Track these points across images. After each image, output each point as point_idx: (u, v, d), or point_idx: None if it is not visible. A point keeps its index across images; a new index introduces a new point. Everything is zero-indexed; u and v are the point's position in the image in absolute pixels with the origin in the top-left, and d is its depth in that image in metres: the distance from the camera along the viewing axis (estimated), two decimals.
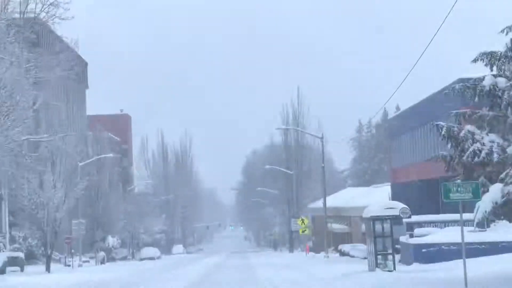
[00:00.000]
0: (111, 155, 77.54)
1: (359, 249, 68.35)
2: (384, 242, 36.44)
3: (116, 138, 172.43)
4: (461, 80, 48.00)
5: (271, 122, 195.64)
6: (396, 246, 59.49)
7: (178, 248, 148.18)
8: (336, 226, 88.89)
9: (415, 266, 42.66)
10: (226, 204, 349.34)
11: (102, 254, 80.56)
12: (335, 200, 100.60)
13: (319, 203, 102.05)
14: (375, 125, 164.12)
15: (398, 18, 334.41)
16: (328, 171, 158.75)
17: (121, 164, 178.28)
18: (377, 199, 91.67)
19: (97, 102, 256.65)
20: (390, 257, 36.64)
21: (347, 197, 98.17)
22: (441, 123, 26.80)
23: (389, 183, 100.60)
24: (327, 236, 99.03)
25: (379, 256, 36.38)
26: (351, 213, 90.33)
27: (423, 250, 43.87)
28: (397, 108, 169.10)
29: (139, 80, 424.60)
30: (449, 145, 26.48)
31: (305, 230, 76.60)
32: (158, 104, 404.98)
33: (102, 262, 79.90)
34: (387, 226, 36.28)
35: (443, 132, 26.20)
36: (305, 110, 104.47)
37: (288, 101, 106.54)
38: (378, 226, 36.05)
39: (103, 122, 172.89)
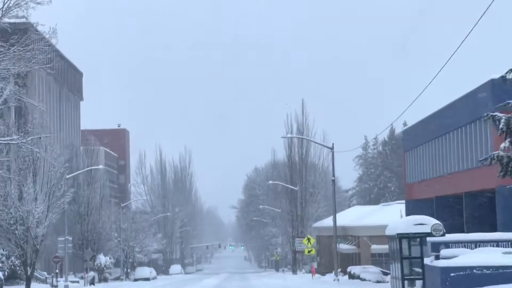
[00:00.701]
0: (101, 166, 71.75)
1: (370, 271, 62.57)
2: (411, 265, 30.64)
3: (113, 153, 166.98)
4: (493, 81, 42.58)
5: (274, 138, 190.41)
6: (414, 269, 53.83)
7: (175, 268, 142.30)
8: (344, 247, 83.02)
9: None
10: (226, 223, 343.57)
11: (91, 274, 74.64)
12: (341, 219, 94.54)
13: (324, 222, 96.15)
14: (381, 142, 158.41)
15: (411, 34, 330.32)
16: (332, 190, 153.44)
17: (118, 181, 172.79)
18: (387, 217, 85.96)
19: (94, 116, 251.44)
20: (418, 283, 30.77)
21: (355, 216, 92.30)
22: (498, 113, 21.16)
23: (399, 201, 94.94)
24: (332, 257, 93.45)
25: (406, 281, 30.57)
26: (360, 232, 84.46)
27: (452, 274, 37.96)
28: (405, 124, 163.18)
29: (137, 95, 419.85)
30: (507, 141, 20.80)
31: (311, 250, 70.75)
32: (157, 120, 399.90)
33: (92, 283, 74.08)
34: (415, 245, 30.49)
35: (501, 125, 20.57)
36: (310, 122, 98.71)
37: (292, 113, 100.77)
38: (404, 246, 30.25)
39: (99, 136, 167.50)
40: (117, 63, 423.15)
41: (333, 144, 59.57)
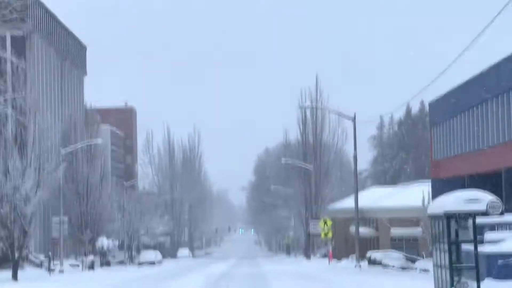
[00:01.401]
0: (99, 140, 65.97)
1: (393, 257, 57.06)
2: (458, 250, 24.92)
3: (120, 133, 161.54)
4: None
5: (286, 118, 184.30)
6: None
7: (183, 252, 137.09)
8: (361, 230, 77.29)
9: (488, 283, 31.35)
10: (236, 206, 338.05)
11: (90, 258, 69.36)
12: (358, 200, 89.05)
13: (340, 204, 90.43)
14: (397, 122, 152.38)
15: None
16: (346, 171, 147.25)
17: (125, 161, 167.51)
18: (408, 199, 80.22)
19: (99, 94, 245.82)
20: (467, 273, 25.03)
21: (373, 198, 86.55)
22: None
23: (421, 181, 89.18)
24: (347, 242, 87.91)
25: (446, 271, 24.79)
26: (378, 215, 78.86)
27: (500, 261, 32.51)
28: (422, 103, 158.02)
29: (145, 73, 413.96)
30: None
31: (328, 233, 65.06)
32: (165, 99, 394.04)
33: (91, 267, 68.79)
34: (466, 226, 24.79)
35: None
36: (324, 98, 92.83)
37: (306, 89, 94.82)
38: (453, 227, 24.53)
39: (105, 115, 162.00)
40: (124, 40, 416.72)
41: (355, 114, 53.90)
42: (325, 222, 65.20)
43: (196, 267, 71.93)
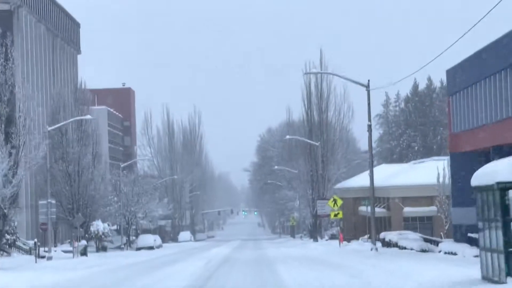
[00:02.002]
0: (88, 117, 60.95)
1: (410, 238, 52.32)
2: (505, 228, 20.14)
3: (118, 114, 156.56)
4: None
5: (289, 96, 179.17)
6: (471, 235, 43.63)
7: (184, 235, 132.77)
8: (376, 210, 72.68)
9: None
10: (238, 189, 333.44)
11: (83, 243, 64.68)
12: (367, 179, 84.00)
13: (348, 183, 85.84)
14: (404, 99, 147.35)
15: None
16: (351, 150, 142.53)
17: (123, 143, 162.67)
18: (421, 177, 75.50)
19: (96, 75, 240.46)
20: None
21: (382, 176, 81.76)
22: None
23: (434, 158, 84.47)
24: (356, 222, 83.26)
25: (499, 256, 20.03)
26: (390, 194, 74.21)
27: None
28: (429, 79, 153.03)
29: (143, 54, 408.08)
30: None
31: (338, 213, 60.25)
32: (164, 80, 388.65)
33: (84, 253, 64.14)
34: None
35: None
36: (324, 79, 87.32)
37: (311, 64, 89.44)
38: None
39: (102, 96, 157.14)
40: (121, 19, 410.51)
41: (368, 81, 48.97)
42: (335, 202, 60.34)
43: (196, 252, 67.40)
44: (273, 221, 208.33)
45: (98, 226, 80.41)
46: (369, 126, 49.84)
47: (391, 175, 79.14)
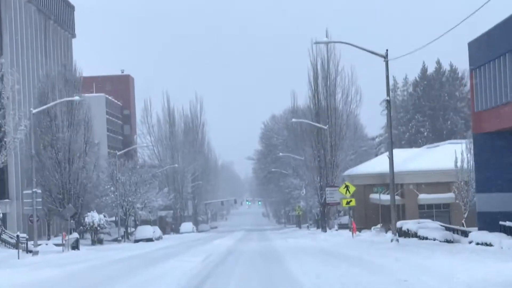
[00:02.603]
0: (77, 98, 55.63)
1: (431, 227, 47.56)
2: None
3: (117, 101, 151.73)
4: None
5: (294, 82, 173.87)
6: (504, 223, 38.80)
7: (186, 226, 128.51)
8: (384, 197, 67.91)
9: None
10: (242, 179, 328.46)
11: (74, 236, 59.94)
12: (378, 165, 79.42)
13: (357, 169, 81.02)
14: (412, 83, 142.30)
15: None
16: (358, 137, 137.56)
17: (123, 132, 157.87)
18: (437, 161, 70.71)
19: (94, 62, 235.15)
20: None
21: (395, 161, 76.87)
22: None
23: (451, 142, 79.62)
24: (367, 211, 78.39)
25: None
26: (404, 179, 69.35)
27: None
28: (438, 63, 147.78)
29: (143, 40, 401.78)
30: None
31: (351, 201, 55.28)
32: (164, 67, 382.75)
33: (75, 247, 59.48)
34: None
35: None
36: (336, 53, 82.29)
37: (315, 47, 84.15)
38: None
39: (101, 83, 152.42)
40: (120, 4, 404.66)
41: (387, 50, 44.04)
42: (347, 188, 55.35)
43: (197, 244, 62.76)
44: (277, 211, 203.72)
45: (94, 217, 75.76)
46: (388, 102, 45.00)
47: (404, 160, 74.30)
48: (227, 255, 39.83)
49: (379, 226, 68.87)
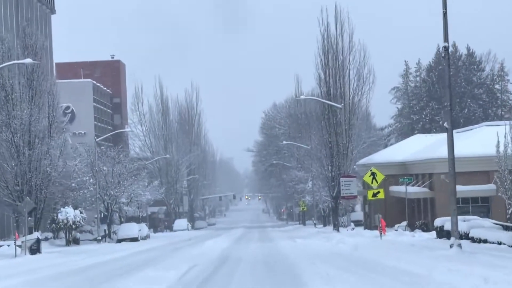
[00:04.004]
0: (28, 60, 43.86)
1: (486, 226, 36.42)
2: None
3: (106, 89, 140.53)
4: None
5: (299, 67, 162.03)
6: None
7: (180, 223, 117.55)
8: (410, 190, 56.78)
9: None
10: (242, 174, 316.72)
11: (33, 237, 48.66)
12: (399, 152, 68.34)
13: (375, 158, 69.82)
14: (425, 68, 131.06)
15: None
16: (366, 127, 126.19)
17: (113, 122, 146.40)
18: (473, 147, 59.71)
19: (83, 48, 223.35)
20: None
21: (419, 148, 65.96)
22: None
23: (488, 124, 68.44)
24: (387, 206, 66.90)
25: None
26: (435, 168, 57.86)
27: None
28: (454, 46, 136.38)
29: (134, 21, 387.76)
30: None
31: (379, 192, 43.68)
32: (157, 55, 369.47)
33: (36, 250, 48.36)
34: None
35: None
36: (345, 29, 70.49)
37: (325, 22, 72.29)
38: None
39: (89, 69, 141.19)
40: None
41: None
42: (374, 176, 43.83)
43: (186, 245, 51.88)
44: (279, 207, 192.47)
45: (68, 213, 64.73)
46: (446, 49, 33.66)
47: (430, 146, 63.18)
48: (218, 266, 28.64)
49: (404, 224, 57.86)
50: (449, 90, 33.86)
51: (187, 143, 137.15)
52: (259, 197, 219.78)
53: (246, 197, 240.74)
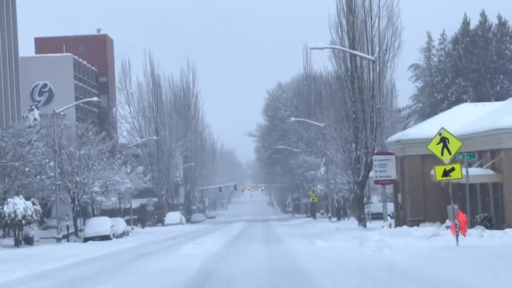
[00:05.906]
0: None
1: None
2: None
3: (91, 66, 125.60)
4: None
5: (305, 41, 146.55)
6: None
7: (173, 217, 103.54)
8: (475, 171, 41.39)
9: None
10: (244, 163, 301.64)
11: None
12: (443, 125, 52.81)
13: (410, 133, 54.21)
14: (451, 40, 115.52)
15: None
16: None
17: (99, 103, 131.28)
18: None
19: (64, 19, 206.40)
20: None
21: (467, 120, 50.33)
22: None
23: None
24: (426, 194, 51.38)
25: None
26: (502, 142, 42.34)
27: None
28: (482, 15, 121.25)
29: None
30: None
31: (455, 170, 27.20)
32: (152, 31, 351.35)
33: None
34: None
35: None
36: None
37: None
38: None
39: (72, 45, 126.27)
40: None
41: None
42: (445, 143, 28.02)
43: (167, 247, 37.21)
44: (283, 199, 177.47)
45: (17, 205, 50.07)
46: None
47: (486, 116, 47.82)
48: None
49: (443, 224, 42.55)
50: None
51: (182, 127, 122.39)
52: (263, 188, 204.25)
53: (248, 187, 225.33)
